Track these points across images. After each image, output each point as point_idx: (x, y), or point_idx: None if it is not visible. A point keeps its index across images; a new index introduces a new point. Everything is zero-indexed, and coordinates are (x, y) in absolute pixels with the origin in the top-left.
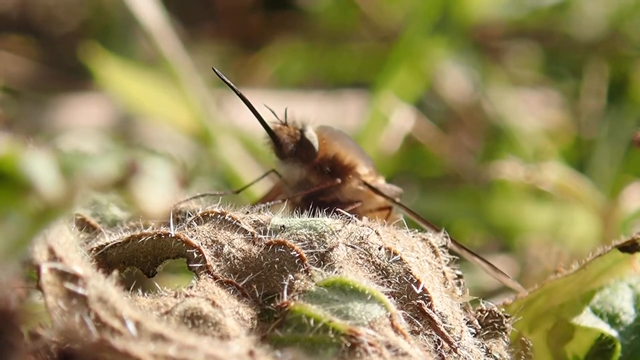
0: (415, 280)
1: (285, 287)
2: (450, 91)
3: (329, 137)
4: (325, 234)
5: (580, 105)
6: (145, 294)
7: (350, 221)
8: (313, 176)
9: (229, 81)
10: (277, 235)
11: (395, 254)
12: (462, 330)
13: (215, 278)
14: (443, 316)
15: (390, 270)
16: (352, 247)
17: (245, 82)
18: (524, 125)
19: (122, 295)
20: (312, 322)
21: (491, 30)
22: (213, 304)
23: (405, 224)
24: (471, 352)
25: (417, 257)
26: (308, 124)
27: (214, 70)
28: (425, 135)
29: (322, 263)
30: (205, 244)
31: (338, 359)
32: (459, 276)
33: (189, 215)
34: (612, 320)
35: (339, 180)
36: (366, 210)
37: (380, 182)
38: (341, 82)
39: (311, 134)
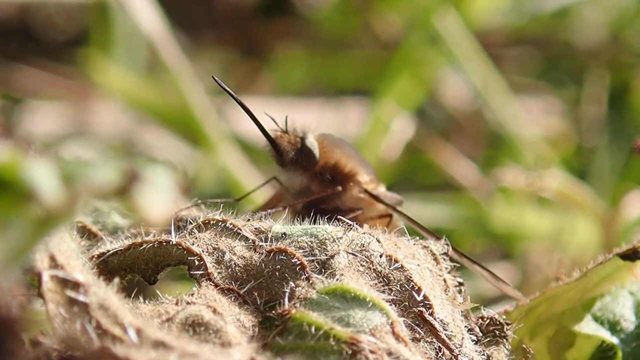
0: (417, 288)
1: (287, 294)
2: (451, 99)
3: (330, 144)
4: (327, 241)
5: (581, 113)
6: (147, 302)
7: (351, 229)
8: (314, 184)
9: (229, 89)
10: (278, 243)
11: (396, 261)
12: (463, 338)
13: (216, 285)
14: (444, 323)
15: (392, 278)
16: (353, 254)
17: (246, 89)
18: (524, 133)
19: (123, 303)
20: (313, 329)
21: (492, 38)
22: (214, 311)
23: (406, 231)
24: (472, 359)
25: (418, 265)
26: (309, 131)
27: (214, 78)
28: (426, 143)
29: (323, 270)
30: (207, 252)
31: None
32: (460, 283)
33: (190, 223)
34: (613, 327)
35: (340, 188)
36: (367, 217)
37: (381, 190)
38: (342, 90)
39: (312, 142)
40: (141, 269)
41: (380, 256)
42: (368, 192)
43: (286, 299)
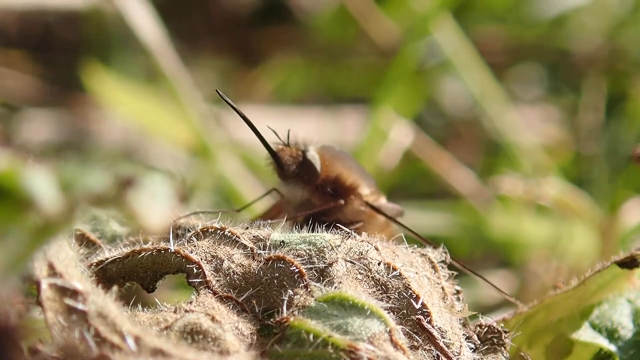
0: (415, 296)
1: (285, 302)
2: (449, 107)
3: (331, 157)
4: (325, 249)
5: (579, 121)
6: (145, 309)
7: (349, 236)
8: (315, 197)
9: (232, 103)
10: (277, 251)
11: (394, 269)
12: (461, 346)
13: (214, 293)
14: (442, 331)
15: (390, 286)
16: (351, 262)
17: (244, 97)
18: (522, 141)
19: (122, 311)
20: (311, 337)
21: (490, 46)
22: (213, 319)
23: (404, 239)
24: None
25: (416, 273)
26: (310, 144)
27: (217, 91)
28: (424, 151)
29: (321, 278)
30: (205, 259)
31: None
32: (458, 291)
33: (189, 231)
34: (611, 335)
35: (342, 202)
36: (367, 229)
37: (382, 202)
38: (340, 98)
39: (313, 155)
40: (140, 277)
41: (379, 264)
42: (369, 204)
43: (284, 307)
